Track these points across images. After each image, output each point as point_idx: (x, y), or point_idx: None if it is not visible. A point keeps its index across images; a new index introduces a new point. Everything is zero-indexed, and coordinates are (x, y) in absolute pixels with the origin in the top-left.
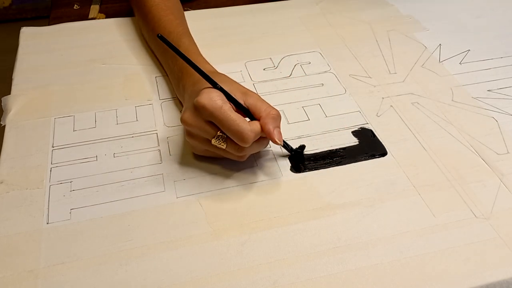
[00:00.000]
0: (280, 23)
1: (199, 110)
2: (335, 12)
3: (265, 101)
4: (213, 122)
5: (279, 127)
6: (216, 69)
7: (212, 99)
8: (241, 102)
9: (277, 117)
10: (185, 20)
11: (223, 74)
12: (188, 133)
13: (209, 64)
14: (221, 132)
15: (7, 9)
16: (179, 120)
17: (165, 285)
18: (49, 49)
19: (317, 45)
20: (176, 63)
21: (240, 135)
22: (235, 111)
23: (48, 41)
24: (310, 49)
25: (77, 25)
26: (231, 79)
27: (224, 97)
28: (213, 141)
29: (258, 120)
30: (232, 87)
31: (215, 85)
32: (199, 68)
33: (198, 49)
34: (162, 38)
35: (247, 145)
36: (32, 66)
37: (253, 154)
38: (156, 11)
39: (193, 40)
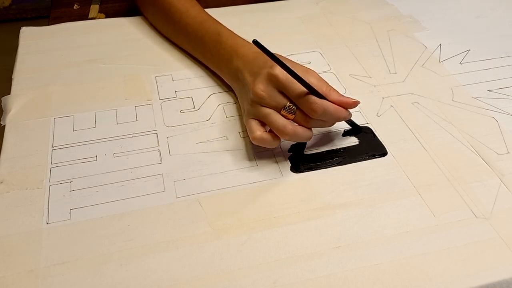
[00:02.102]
0: (280, 23)
1: (271, 80)
2: (335, 12)
3: (325, 81)
4: (284, 92)
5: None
6: None
7: (283, 71)
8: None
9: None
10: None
11: (280, 55)
12: (257, 104)
13: None
14: (291, 103)
15: (7, 9)
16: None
17: (165, 285)
18: (49, 49)
19: (317, 45)
20: (222, 47)
21: (310, 104)
22: None
23: (48, 41)
24: (310, 49)
25: (77, 25)
26: (288, 59)
27: None
28: (283, 111)
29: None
30: (293, 65)
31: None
32: (289, 68)
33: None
34: (257, 43)
35: (315, 115)
36: (32, 66)
37: (254, 153)
38: (179, 3)
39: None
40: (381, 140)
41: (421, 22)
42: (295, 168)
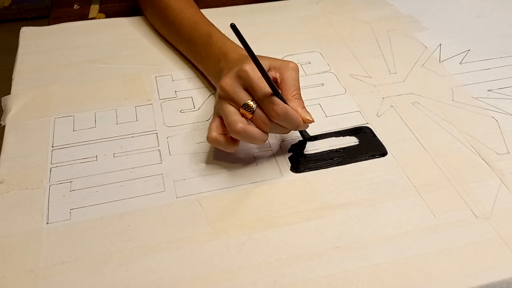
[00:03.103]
0: (280, 23)
1: (240, 75)
2: (335, 12)
3: (298, 83)
4: (250, 91)
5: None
6: None
7: (254, 69)
8: (277, 75)
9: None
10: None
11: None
12: (221, 99)
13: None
14: (253, 101)
15: (7, 9)
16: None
17: (165, 285)
18: (49, 49)
19: (317, 45)
20: (211, 49)
21: (273, 105)
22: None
23: (48, 41)
24: (310, 49)
25: (77, 25)
26: (269, 57)
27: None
28: (241, 109)
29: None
30: (271, 59)
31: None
32: (255, 56)
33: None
34: (234, 28)
35: (277, 118)
36: (32, 66)
37: (253, 153)
38: (175, 4)
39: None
40: (381, 140)
41: (421, 22)
42: (295, 168)
